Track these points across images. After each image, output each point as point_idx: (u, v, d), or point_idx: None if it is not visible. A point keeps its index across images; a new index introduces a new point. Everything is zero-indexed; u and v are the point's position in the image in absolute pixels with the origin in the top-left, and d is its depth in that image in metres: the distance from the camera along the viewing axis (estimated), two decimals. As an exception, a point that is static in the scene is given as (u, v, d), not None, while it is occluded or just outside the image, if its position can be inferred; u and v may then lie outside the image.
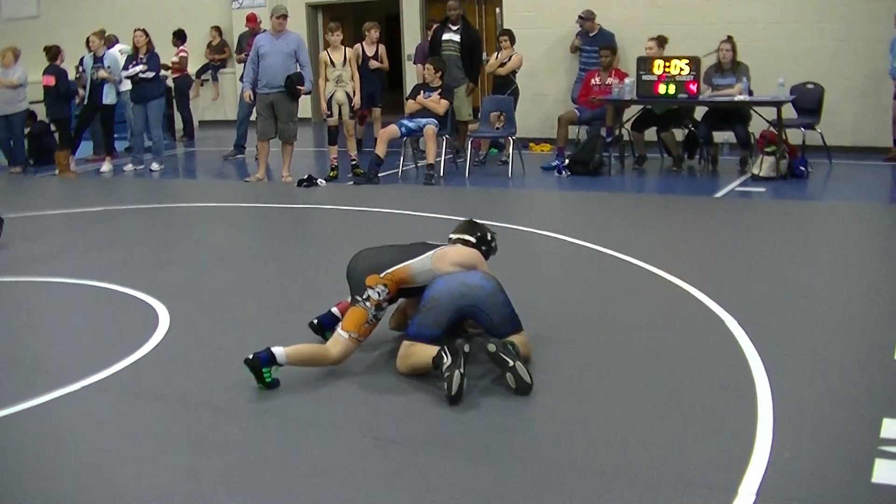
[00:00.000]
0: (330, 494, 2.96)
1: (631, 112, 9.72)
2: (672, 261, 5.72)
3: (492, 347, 3.70)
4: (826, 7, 10.05)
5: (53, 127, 11.39)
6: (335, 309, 4.42)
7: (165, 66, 10.98)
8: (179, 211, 8.39)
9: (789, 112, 9.22)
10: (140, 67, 10.25)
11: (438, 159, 9.31)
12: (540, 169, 9.78)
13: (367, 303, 3.97)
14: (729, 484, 2.90)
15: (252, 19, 12.44)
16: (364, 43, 10.64)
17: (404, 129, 9.33)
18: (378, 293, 3.99)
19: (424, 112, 9.34)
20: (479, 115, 10.35)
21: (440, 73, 9.41)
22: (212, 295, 5.37)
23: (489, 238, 4.43)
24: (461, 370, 3.61)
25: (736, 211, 7.56)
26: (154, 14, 14.44)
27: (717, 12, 10.41)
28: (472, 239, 4.38)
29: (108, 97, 10.63)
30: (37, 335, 4.75)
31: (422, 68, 10.08)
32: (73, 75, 11.49)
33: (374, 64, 10.67)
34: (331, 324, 4.33)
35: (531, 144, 11.29)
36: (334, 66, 9.23)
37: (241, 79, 9.69)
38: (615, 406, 3.60)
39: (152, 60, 10.34)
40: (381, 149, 9.15)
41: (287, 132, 9.32)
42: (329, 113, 9.36)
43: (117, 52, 11.10)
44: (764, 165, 8.62)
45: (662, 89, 8.88)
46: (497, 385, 3.80)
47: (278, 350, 3.79)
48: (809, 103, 9.34)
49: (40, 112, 11.62)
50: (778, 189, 8.21)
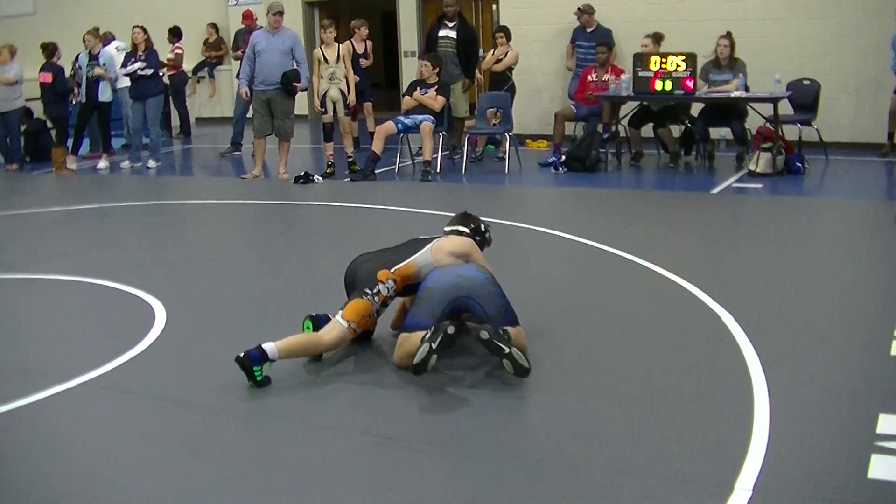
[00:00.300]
0: (325, 494, 2.95)
1: (627, 108, 9.72)
2: (668, 257, 5.72)
3: (485, 335, 3.66)
4: (821, 3, 10.05)
5: (50, 124, 11.37)
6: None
7: (161, 64, 10.95)
8: (176, 208, 8.38)
9: (786, 108, 9.22)
10: (139, 64, 10.23)
11: (435, 156, 9.30)
12: (537, 165, 9.78)
13: (376, 297, 4.01)
14: (725, 480, 2.90)
15: (248, 16, 12.44)
16: (353, 40, 10.63)
17: (401, 126, 9.32)
18: (388, 288, 4.04)
19: (421, 109, 9.33)
20: (476, 112, 10.34)
21: (437, 70, 9.41)
22: (208, 292, 5.36)
23: (483, 229, 4.49)
24: (434, 345, 3.61)
25: (732, 207, 7.56)
26: (150, 11, 14.40)
27: (713, 8, 10.40)
28: (466, 229, 4.44)
29: (104, 94, 10.64)
30: (32, 333, 4.74)
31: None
32: (69, 72, 11.46)
33: (365, 62, 10.71)
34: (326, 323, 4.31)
35: (528, 141, 11.29)
36: (328, 64, 9.21)
37: (238, 76, 9.68)
38: (611, 402, 3.60)
39: (151, 57, 10.33)
40: (378, 145, 9.15)
41: (283, 129, 9.32)
42: (323, 110, 9.34)
43: (113, 50, 11.10)
44: (760, 162, 8.62)
45: (659, 86, 8.88)
46: (490, 380, 3.81)
47: (269, 346, 3.78)
48: (806, 99, 9.35)
49: (36, 109, 11.61)
50: (774, 185, 8.22)
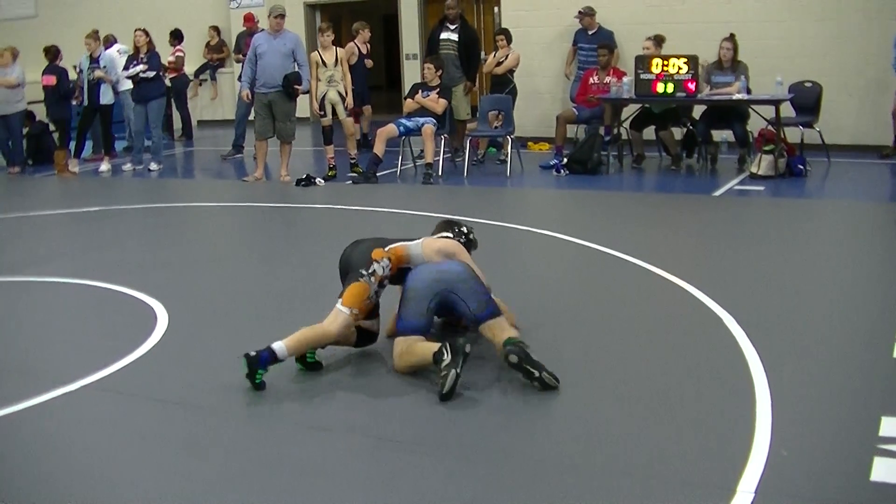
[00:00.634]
0: (325, 495, 2.96)
1: (629, 111, 9.71)
2: (670, 259, 5.71)
3: (513, 359, 3.69)
4: (822, 5, 10.04)
5: (53, 127, 11.38)
6: None
7: (163, 66, 10.96)
8: (178, 211, 8.38)
9: (788, 110, 9.22)
10: (141, 67, 10.24)
11: (437, 158, 9.31)
12: (538, 168, 9.77)
13: (372, 278, 4.01)
14: (727, 482, 2.90)
15: (250, 19, 12.46)
16: (357, 41, 10.73)
17: (402, 129, 9.32)
18: (382, 268, 4.05)
19: (423, 111, 9.33)
20: (478, 114, 10.35)
21: (440, 73, 9.41)
22: (210, 295, 5.36)
23: (466, 231, 4.57)
24: (458, 370, 3.63)
25: (734, 209, 7.55)
26: (152, 14, 14.41)
27: (715, 11, 10.39)
28: (451, 235, 4.50)
29: (105, 97, 10.64)
30: (34, 335, 4.74)
31: None
32: (73, 75, 11.48)
33: (370, 63, 10.78)
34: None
35: (529, 143, 11.28)
36: (326, 67, 9.20)
37: (240, 78, 9.69)
38: (611, 403, 3.60)
39: (153, 60, 10.33)
40: (380, 148, 9.15)
41: (285, 132, 9.32)
42: (322, 113, 9.34)
43: (115, 52, 11.11)
44: (762, 164, 8.61)
45: (661, 88, 8.87)
46: (490, 381, 3.81)
47: (278, 346, 3.79)
48: (808, 101, 9.33)
49: (38, 112, 11.61)
50: (776, 187, 8.21)
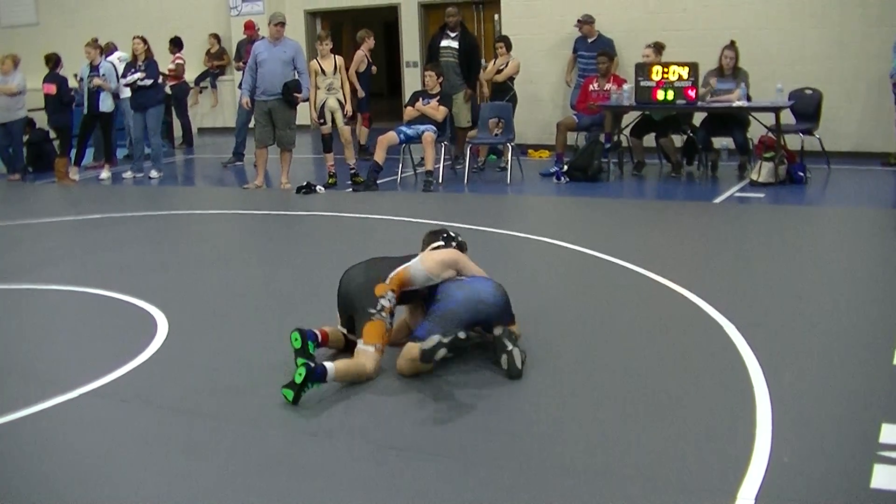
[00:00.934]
0: (326, 499, 2.96)
1: (629, 118, 9.73)
2: (671, 266, 5.72)
3: (497, 331, 4.07)
4: (822, 12, 10.06)
5: (54, 134, 11.40)
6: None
7: (162, 74, 10.98)
8: (178, 218, 8.39)
9: (788, 117, 9.23)
10: (139, 75, 10.26)
11: (437, 166, 9.31)
12: (539, 175, 9.78)
13: (383, 313, 4.06)
14: (727, 488, 2.90)
15: (250, 27, 12.49)
16: (364, 49, 10.84)
17: (403, 136, 9.33)
18: (389, 300, 4.09)
19: (423, 119, 9.34)
20: (478, 122, 10.36)
21: (441, 80, 9.43)
22: (210, 303, 5.36)
23: (454, 235, 4.61)
24: (444, 340, 3.74)
25: (735, 216, 7.56)
26: (153, 21, 14.46)
27: (715, 18, 10.42)
28: (442, 244, 4.51)
29: (105, 105, 10.65)
30: (34, 342, 4.75)
31: None
32: (73, 83, 11.51)
33: (374, 69, 10.86)
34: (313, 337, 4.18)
35: (530, 151, 11.30)
36: (325, 75, 9.22)
37: (240, 86, 9.71)
38: (612, 409, 3.60)
39: (151, 68, 10.35)
40: (380, 155, 9.16)
41: (285, 139, 9.33)
42: (322, 121, 9.35)
43: (115, 60, 11.13)
44: (763, 171, 8.62)
45: (661, 95, 8.89)
46: (490, 386, 3.82)
47: (329, 367, 3.81)
48: (808, 109, 9.33)
49: (39, 119, 11.63)
50: (777, 195, 8.21)
